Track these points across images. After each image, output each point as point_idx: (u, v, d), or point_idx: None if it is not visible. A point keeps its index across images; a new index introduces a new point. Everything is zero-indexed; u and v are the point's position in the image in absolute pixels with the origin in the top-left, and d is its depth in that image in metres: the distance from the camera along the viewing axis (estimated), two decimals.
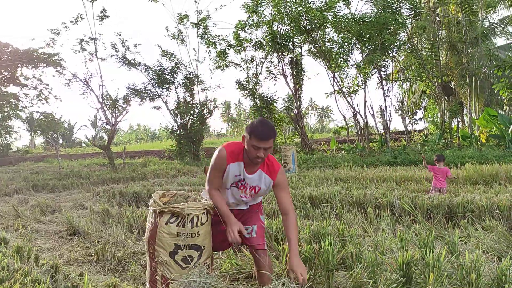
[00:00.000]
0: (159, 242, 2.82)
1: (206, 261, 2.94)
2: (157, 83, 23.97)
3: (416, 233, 4.63)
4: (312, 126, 75.38)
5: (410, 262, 3.03)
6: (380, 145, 21.42)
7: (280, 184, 2.92)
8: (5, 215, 7.89)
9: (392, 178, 9.51)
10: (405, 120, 24.04)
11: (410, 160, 14.44)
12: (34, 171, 18.87)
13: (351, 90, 22.79)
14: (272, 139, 2.70)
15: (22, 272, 3.24)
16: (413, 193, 6.47)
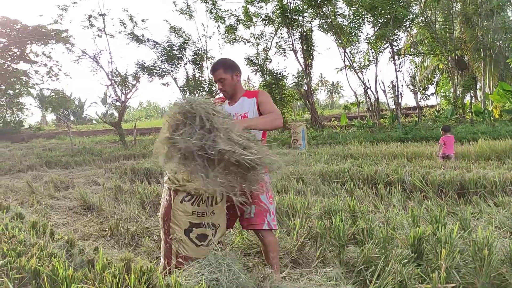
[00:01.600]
0: (174, 220, 2.85)
1: (221, 239, 2.97)
2: (166, 60, 23.86)
3: (427, 209, 4.63)
4: (322, 102, 74.84)
5: (422, 238, 3.04)
6: (391, 121, 21.26)
7: (263, 100, 2.99)
8: (20, 191, 8.03)
9: (403, 154, 9.47)
10: (416, 95, 23.78)
11: (422, 136, 14.33)
12: (46, 148, 19.11)
13: (362, 65, 22.50)
14: (219, 71, 2.97)
15: (39, 247, 3.31)
16: (424, 169, 6.43)
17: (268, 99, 3.01)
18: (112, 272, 2.45)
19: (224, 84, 3.00)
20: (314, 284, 2.89)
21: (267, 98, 3.02)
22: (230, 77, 3.00)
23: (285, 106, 24.40)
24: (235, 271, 2.66)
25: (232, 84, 3.02)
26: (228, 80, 2.99)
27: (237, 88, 3.08)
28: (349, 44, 21.82)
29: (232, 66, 3.03)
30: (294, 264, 3.43)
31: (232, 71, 3.01)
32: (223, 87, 3.02)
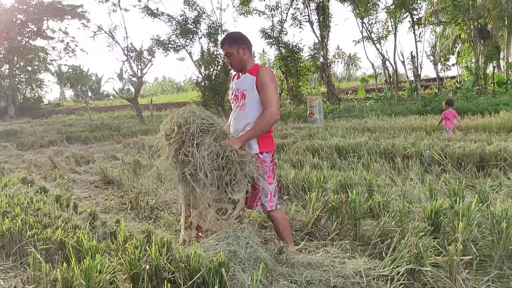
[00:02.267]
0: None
1: (240, 213, 3.03)
2: (180, 34, 23.75)
3: (445, 183, 4.61)
4: (339, 75, 73.79)
5: (439, 211, 3.04)
6: (410, 93, 20.92)
7: (263, 82, 2.94)
8: (43, 166, 8.24)
9: (421, 127, 9.36)
10: (437, 66, 23.27)
11: (441, 109, 14.07)
12: (66, 124, 19.44)
13: (380, 36, 22.04)
14: (225, 46, 3.00)
15: (63, 219, 3.43)
16: (443, 142, 6.36)
17: (267, 84, 2.93)
18: (134, 244, 2.53)
19: (231, 59, 3.03)
20: (330, 256, 2.94)
21: (266, 82, 2.93)
22: (236, 51, 3.00)
23: (301, 79, 24.17)
24: (252, 244, 2.72)
25: (238, 58, 3.02)
26: (235, 54, 3.00)
27: (245, 61, 3.05)
28: (367, 14, 21.34)
29: (238, 40, 3.02)
30: (310, 237, 3.48)
31: (238, 45, 3.00)
32: (230, 61, 3.05)
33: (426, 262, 2.47)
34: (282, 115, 18.05)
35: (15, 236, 3.16)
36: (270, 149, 3.05)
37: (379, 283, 2.46)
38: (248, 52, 3.06)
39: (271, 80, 2.95)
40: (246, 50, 3.04)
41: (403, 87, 22.96)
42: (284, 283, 2.56)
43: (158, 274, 2.34)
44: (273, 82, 2.97)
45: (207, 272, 2.28)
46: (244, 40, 3.05)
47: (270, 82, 2.94)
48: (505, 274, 2.57)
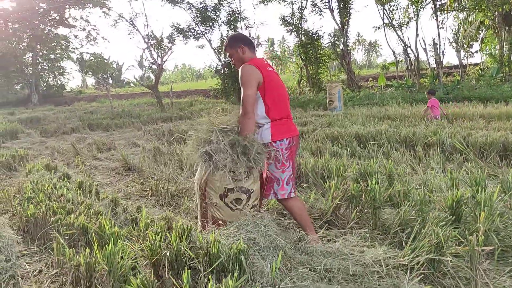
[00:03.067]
0: (211, 185, 2.94)
1: (255, 203, 3.05)
2: (200, 21, 23.73)
3: (467, 172, 4.53)
4: (359, 62, 72.72)
5: (461, 201, 3.00)
6: (432, 80, 20.50)
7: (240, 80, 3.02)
8: (65, 152, 8.41)
9: (443, 115, 9.19)
10: (459, 53, 22.72)
11: (464, 96, 13.80)
12: (88, 111, 19.73)
13: (401, 23, 21.60)
14: (227, 48, 3.26)
15: (86, 205, 3.51)
16: (465, 131, 6.25)
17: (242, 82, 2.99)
18: (155, 230, 2.58)
19: (233, 59, 3.27)
20: (349, 245, 2.94)
21: (241, 80, 3.00)
22: (235, 51, 3.21)
23: (321, 66, 23.94)
24: (272, 231, 2.74)
25: (239, 57, 3.21)
26: (235, 55, 3.23)
27: (244, 59, 3.20)
28: (388, 0, 20.88)
29: (235, 41, 3.23)
30: (329, 225, 3.48)
31: (237, 45, 3.20)
32: (233, 61, 3.29)
33: (446, 252, 2.45)
34: (302, 102, 17.95)
35: (40, 221, 3.25)
36: (284, 136, 3.05)
37: (398, 272, 2.46)
38: (248, 49, 3.21)
39: (245, 77, 2.98)
40: (245, 48, 3.19)
41: (424, 75, 22.51)
42: (303, 271, 2.57)
43: (178, 260, 2.38)
44: (246, 81, 2.96)
45: (226, 259, 2.31)
46: (242, 40, 3.25)
47: (245, 79, 2.98)
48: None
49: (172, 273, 2.39)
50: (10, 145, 9.92)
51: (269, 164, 3.03)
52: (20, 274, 2.70)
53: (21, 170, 6.20)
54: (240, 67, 3.12)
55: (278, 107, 3.08)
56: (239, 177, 2.89)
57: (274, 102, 3.06)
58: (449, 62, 37.07)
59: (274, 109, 3.06)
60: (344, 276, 2.51)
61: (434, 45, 20.68)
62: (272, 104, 3.05)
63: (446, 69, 25.89)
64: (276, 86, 3.10)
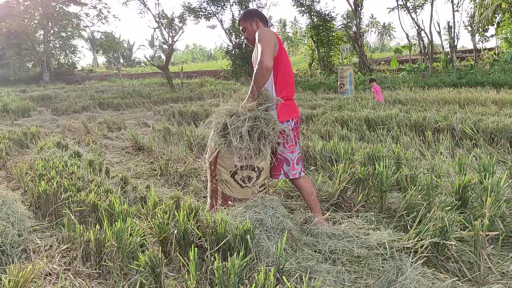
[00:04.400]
0: (221, 162, 2.97)
1: (264, 182, 3.08)
2: (212, 1, 23.52)
3: (476, 157, 4.51)
4: (372, 44, 71.78)
5: (467, 186, 3.00)
6: (445, 64, 20.20)
7: (257, 41, 3.00)
8: (76, 131, 8.51)
9: (455, 100, 9.09)
10: (474, 37, 22.29)
11: (477, 81, 13.60)
12: (99, 90, 19.82)
13: (416, 5, 21.21)
14: (241, 21, 3.24)
15: (96, 183, 3.57)
16: (476, 116, 6.19)
17: (258, 42, 2.96)
18: (163, 209, 2.62)
19: (247, 33, 3.24)
20: (354, 227, 2.97)
21: (258, 40, 2.98)
22: (250, 24, 3.20)
23: (333, 49, 23.70)
24: (279, 213, 2.77)
25: (252, 31, 3.19)
26: (248, 28, 3.21)
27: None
28: None
29: (250, 14, 3.23)
30: (335, 208, 3.51)
31: (252, 19, 3.19)
32: (247, 35, 3.25)
33: (451, 236, 2.47)
34: (312, 85, 17.85)
35: (51, 198, 3.32)
36: (290, 117, 3.08)
37: (402, 255, 2.48)
38: (262, 24, 3.20)
39: (261, 38, 2.96)
40: (259, 23, 3.20)
41: (438, 59, 22.18)
42: (308, 252, 2.61)
43: (185, 238, 2.44)
44: (264, 38, 2.95)
45: (233, 238, 2.35)
46: (257, 14, 3.25)
47: (260, 39, 2.95)
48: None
49: (179, 250, 2.44)
50: (22, 123, 10.05)
51: (278, 145, 3.05)
52: (32, 248, 2.77)
53: (33, 147, 6.30)
54: (252, 42, 3.19)
55: (287, 88, 3.10)
56: (250, 155, 2.92)
57: (284, 83, 3.08)
58: (463, 46, 36.37)
59: (283, 90, 3.07)
60: (349, 258, 2.54)
61: (448, 28, 20.34)
62: (281, 84, 3.07)
63: (460, 53, 25.48)
64: (287, 63, 3.14)
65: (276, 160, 3.10)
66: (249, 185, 2.98)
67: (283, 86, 3.07)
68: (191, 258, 2.08)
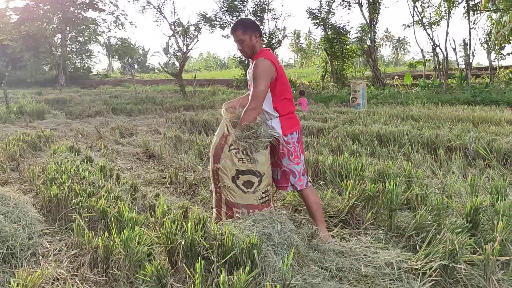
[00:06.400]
0: (222, 169, 3.01)
1: (267, 188, 3.09)
2: (227, 11, 23.74)
3: (488, 178, 4.46)
4: (386, 58, 71.59)
5: (479, 208, 2.97)
6: (460, 81, 20.05)
7: (254, 73, 2.95)
8: (89, 135, 8.59)
9: (468, 118, 9.00)
10: (490, 55, 22.13)
11: (492, 100, 13.44)
12: (112, 95, 20.01)
13: (432, 21, 21.16)
14: (239, 32, 2.99)
15: (106, 189, 3.60)
16: (490, 136, 6.12)
17: (256, 75, 2.92)
18: (171, 218, 2.63)
19: (243, 45, 3.04)
20: (362, 245, 2.95)
21: (256, 72, 2.93)
22: (249, 38, 3.02)
23: (346, 62, 23.71)
24: (286, 230, 2.77)
25: (250, 45, 3.04)
26: (247, 42, 3.02)
27: (255, 49, 3.07)
28: None
29: (251, 27, 3.04)
30: (344, 224, 3.48)
31: (251, 32, 3.02)
32: (242, 48, 3.05)
33: (460, 259, 2.44)
34: (325, 97, 17.83)
35: (62, 202, 3.35)
36: (294, 129, 3.10)
37: (409, 276, 2.46)
38: (259, 39, 3.09)
39: (261, 71, 2.91)
40: (258, 37, 3.07)
41: (452, 75, 22.04)
42: (315, 268, 2.60)
43: (193, 249, 2.44)
44: (263, 76, 2.91)
45: (239, 252, 2.35)
46: (257, 28, 3.08)
47: (260, 73, 2.91)
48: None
49: (186, 261, 2.45)
50: (37, 125, 10.18)
51: (283, 158, 3.07)
52: (41, 252, 2.80)
53: (46, 150, 6.37)
54: (248, 55, 3.09)
55: (287, 104, 3.12)
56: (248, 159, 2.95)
57: (283, 100, 3.10)
58: (479, 63, 36.12)
59: (283, 106, 3.10)
60: (356, 277, 2.52)
61: (464, 45, 20.22)
62: (281, 101, 3.09)
63: (475, 70, 25.30)
64: (286, 82, 3.13)
65: (283, 173, 3.12)
66: (250, 190, 2.99)
67: (284, 103, 3.09)
68: (197, 270, 2.08)
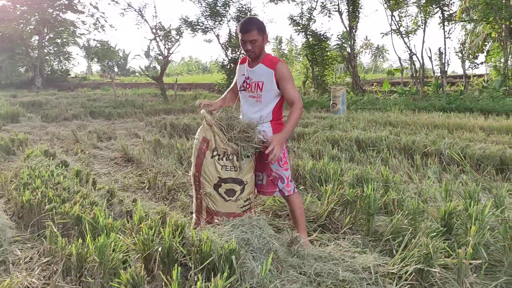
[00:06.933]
0: (204, 175, 2.98)
1: (249, 197, 3.08)
2: (209, 16, 23.71)
3: (462, 184, 4.55)
4: (366, 65, 72.53)
5: (453, 213, 3.02)
6: (435, 89, 20.45)
7: (282, 77, 2.96)
8: (65, 139, 8.43)
9: (444, 125, 9.18)
10: (464, 63, 22.66)
11: (466, 107, 13.74)
12: (91, 98, 19.70)
13: (409, 30, 21.57)
14: (253, 32, 2.89)
15: (82, 195, 3.53)
16: (464, 142, 6.25)
17: (288, 78, 2.96)
18: (149, 224, 2.60)
19: (254, 46, 2.93)
20: (340, 250, 2.97)
21: (288, 77, 2.96)
22: (262, 39, 2.95)
23: (327, 68, 23.94)
24: (266, 234, 2.76)
25: (262, 46, 2.98)
26: (259, 42, 2.93)
27: (263, 50, 3.04)
28: (398, 7, 20.87)
29: (264, 27, 2.97)
30: (323, 229, 3.50)
31: (263, 33, 2.96)
32: (252, 48, 2.94)
33: (435, 263, 2.48)
34: (305, 103, 17.95)
35: (34, 208, 3.27)
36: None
37: (386, 280, 2.48)
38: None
39: (290, 75, 2.98)
40: (267, 38, 3.04)
41: (429, 83, 22.47)
42: (293, 274, 2.60)
43: (170, 256, 2.41)
44: (292, 76, 3.01)
45: (218, 257, 2.33)
46: (266, 28, 3.02)
47: (290, 76, 2.98)
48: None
49: (163, 268, 2.41)
50: (11, 128, 9.93)
51: (272, 163, 3.06)
52: (11, 260, 2.72)
53: (20, 154, 6.23)
54: (256, 55, 3.01)
55: (281, 109, 3.18)
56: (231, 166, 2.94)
57: (282, 105, 3.15)
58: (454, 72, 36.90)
59: (279, 111, 3.15)
60: (334, 281, 2.53)
61: (439, 54, 20.65)
62: (280, 105, 3.13)
63: (450, 78, 25.83)
64: None
65: (271, 178, 3.11)
66: (232, 199, 2.98)
67: (280, 109, 3.14)
68: (174, 277, 2.05)
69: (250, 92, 3.09)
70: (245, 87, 3.14)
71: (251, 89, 3.08)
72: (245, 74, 3.13)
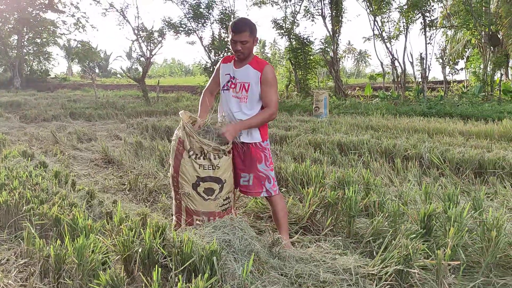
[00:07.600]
0: (182, 175, 2.97)
1: (228, 195, 3.07)
2: (192, 18, 23.59)
3: (442, 186, 4.62)
4: (348, 70, 73.26)
5: (432, 215, 3.07)
6: (416, 94, 20.79)
7: (267, 80, 2.99)
8: (44, 140, 8.28)
9: (424, 129, 9.33)
10: (445, 69, 23.08)
11: (446, 112, 14.00)
12: (71, 99, 19.42)
13: (391, 36, 21.88)
14: (246, 33, 2.90)
15: (60, 196, 3.46)
16: (444, 146, 6.36)
17: (272, 83, 2.99)
18: (129, 225, 2.57)
19: (244, 47, 2.94)
20: (322, 252, 2.98)
21: (271, 81, 2.99)
22: (252, 40, 2.96)
23: (310, 72, 24.08)
24: (248, 235, 2.76)
25: (251, 48, 3.00)
26: (249, 44, 2.95)
27: (252, 52, 3.07)
28: (380, 12, 21.15)
29: (255, 30, 2.98)
30: (304, 231, 3.52)
31: (254, 35, 2.98)
32: (242, 49, 2.94)
33: (414, 264, 2.51)
34: (288, 106, 18.02)
35: (12, 209, 3.20)
36: (268, 137, 3.19)
37: (366, 281, 2.50)
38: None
39: (275, 80, 3.01)
40: (256, 41, 3.04)
41: (410, 88, 22.82)
42: (275, 275, 2.60)
43: (150, 257, 2.38)
44: (276, 82, 3.03)
45: (199, 259, 2.32)
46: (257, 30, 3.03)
47: (274, 82, 3.00)
48: (491, 281, 2.60)
49: (143, 270, 2.39)
50: None
51: (259, 163, 3.08)
52: None
53: None
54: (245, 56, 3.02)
55: None
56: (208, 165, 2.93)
57: None
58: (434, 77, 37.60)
59: None
60: (314, 283, 2.54)
61: (421, 59, 20.99)
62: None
63: (431, 84, 26.30)
64: None
65: (257, 178, 3.11)
66: (211, 197, 2.97)
67: None
68: (154, 278, 2.03)
69: (235, 92, 3.08)
70: (229, 86, 3.12)
71: (236, 89, 3.08)
72: (231, 73, 3.11)
